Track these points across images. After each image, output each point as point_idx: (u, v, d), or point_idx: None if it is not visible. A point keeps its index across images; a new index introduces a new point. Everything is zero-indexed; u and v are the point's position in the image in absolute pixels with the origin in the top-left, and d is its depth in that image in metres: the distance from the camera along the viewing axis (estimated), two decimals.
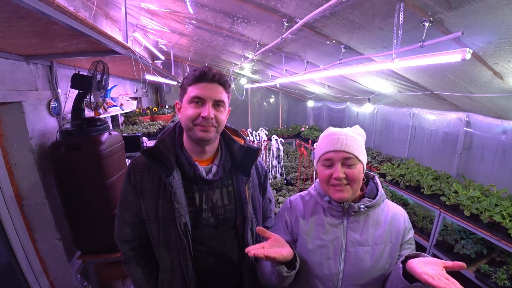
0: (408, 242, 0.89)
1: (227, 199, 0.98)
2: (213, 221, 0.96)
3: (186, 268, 0.92)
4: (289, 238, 0.97)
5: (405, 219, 0.91)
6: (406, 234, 0.89)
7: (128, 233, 0.99)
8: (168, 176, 0.88)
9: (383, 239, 0.87)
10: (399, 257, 0.86)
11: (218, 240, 0.98)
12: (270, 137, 3.40)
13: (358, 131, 0.94)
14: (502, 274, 1.93)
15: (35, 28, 1.02)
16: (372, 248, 0.86)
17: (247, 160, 0.99)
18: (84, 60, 1.92)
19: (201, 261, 0.95)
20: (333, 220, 0.90)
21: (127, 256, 1.01)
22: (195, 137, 0.89)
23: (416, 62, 1.40)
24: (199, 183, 0.93)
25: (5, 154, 1.57)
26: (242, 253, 1.01)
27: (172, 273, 0.95)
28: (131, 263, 1.01)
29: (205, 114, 0.85)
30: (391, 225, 0.88)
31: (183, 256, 0.91)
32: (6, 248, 1.55)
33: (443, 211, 2.41)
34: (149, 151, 0.90)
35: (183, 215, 0.89)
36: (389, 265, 0.86)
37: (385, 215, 0.90)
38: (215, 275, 0.99)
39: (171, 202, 0.89)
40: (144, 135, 2.95)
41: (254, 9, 1.91)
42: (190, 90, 0.88)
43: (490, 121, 2.53)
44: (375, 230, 0.88)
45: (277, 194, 2.56)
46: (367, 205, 0.87)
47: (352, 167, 0.86)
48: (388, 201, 0.96)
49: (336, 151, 0.86)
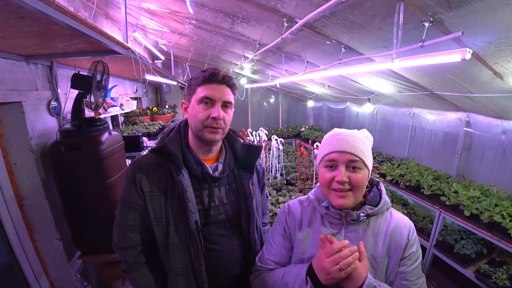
0: (408, 257, 0.78)
1: (232, 196, 1.01)
2: (221, 218, 0.98)
3: (199, 267, 0.92)
4: (289, 244, 0.93)
5: (409, 232, 0.80)
6: (407, 248, 0.79)
7: (132, 239, 0.95)
8: (178, 175, 0.88)
9: (382, 252, 0.79)
10: (398, 274, 0.79)
11: (226, 237, 1.00)
12: (270, 137, 3.40)
13: (366, 134, 0.87)
14: (502, 274, 1.93)
15: (35, 28, 1.02)
16: (369, 261, 0.77)
17: (250, 157, 1.02)
18: (84, 60, 1.92)
19: (211, 259, 0.96)
20: (331, 229, 0.84)
21: (129, 264, 0.95)
22: (204, 139, 0.91)
23: (416, 62, 1.40)
24: (208, 181, 0.95)
25: (5, 154, 1.57)
26: (248, 248, 1.04)
27: (184, 275, 0.94)
28: (136, 271, 0.96)
29: (215, 115, 0.88)
30: (391, 237, 0.80)
31: (195, 255, 0.91)
32: (6, 248, 1.55)
33: (443, 211, 2.41)
34: (159, 150, 0.90)
35: (194, 213, 0.90)
36: (387, 281, 0.79)
37: (387, 225, 0.81)
38: (225, 272, 1.00)
39: (180, 201, 0.90)
40: (144, 135, 2.95)
41: (254, 9, 1.91)
42: (199, 91, 0.90)
43: (490, 121, 2.53)
44: (374, 241, 0.80)
45: (277, 194, 2.56)
46: (367, 213, 0.80)
47: (357, 171, 0.78)
48: (394, 210, 0.87)
49: (341, 152, 0.78)
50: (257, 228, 1.05)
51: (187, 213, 0.89)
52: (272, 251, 0.94)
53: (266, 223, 1.24)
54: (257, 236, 1.05)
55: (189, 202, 0.89)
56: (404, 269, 0.78)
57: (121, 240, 0.95)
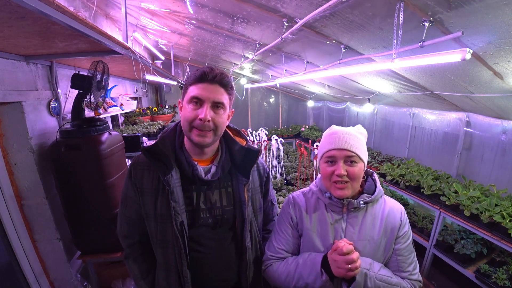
0: (402, 236, 0.92)
1: (226, 200, 0.98)
2: (211, 221, 0.96)
3: (181, 267, 0.92)
4: (297, 233, 1.01)
5: (401, 214, 0.94)
6: (401, 228, 0.92)
7: (127, 229, 1.01)
8: (165, 175, 0.88)
9: (379, 233, 0.91)
10: (393, 251, 0.91)
11: (215, 240, 0.97)
12: (270, 137, 3.40)
13: (361, 130, 0.97)
14: (502, 274, 1.93)
15: (35, 28, 1.02)
16: (369, 242, 0.90)
17: (247, 162, 0.99)
18: (84, 60, 1.92)
19: (197, 261, 0.95)
20: (334, 216, 0.94)
21: (127, 251, 1.03)
22: (193, 141, 0.90)
23: (416, 62, 1.40)
24: (197, 183, 0.93)
25: (5, 154, 1.57)
26: (240, 255, 1.01)
27: (167, 271, 0.96)
28: (130, 259, 1.03)
29: (202, 116, 0.85)
30: (387, 220, 0.92)
31: (178, 254, 0.92)
32: (6, 248, 1.55)
33: (443, 211, 2.41)
34: (148, 149, 0.91)
35: (179, 213, 0.89)
36: (384, 258, 0.92)
37: (382, 210, 0.94)
38: (212, 276, 0.99)
39: (168, 201, 0.89)
40: (144, 135, 2.95)
41: (254, 9, 1.91)
42: (190, 90, 0.88)
43: (490, 121, 2.53)
44: (372, 225, 0.92)
45: (277, 194, 2.56)
46: (366, 201, 0.91)
47: (354, 165, 0.89)
48: (387, 197, 1.00)
49: (339, 149, 0.90)
50: (252, 236, 1.02)
51: (171, 213, 0.89)
52: (282, 240, 1.02)
53: (270, 230, 1.17)
54: (251, 245, 1.01)
55: (175, 202, 0.88)
56: (399, 247, 0.91)
57: (122, 229, 1.03)
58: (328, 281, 0.86)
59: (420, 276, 0.92)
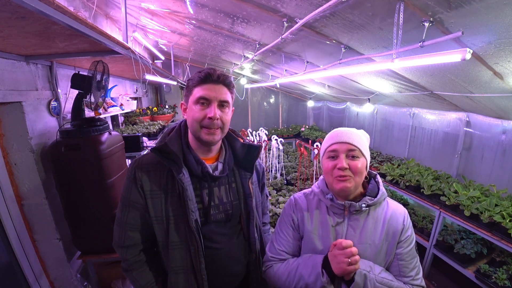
0: (404, 240, 0.89)
1: (231, 195, 1.01)
2: (221, 217, 0.98)
3: (199, 266, 0.92)
4: (298, 234, 1.00)
5: (404, 218, 0.91)
6: (403, 233, 0.90)
7: (132, 237, 0.95)
8: (179, 174, 0.89)
9: (380, 238, 0.89)
10: (395, 255, 0.89)
11: (225, 235, 1.00)
12: (270, 137, 3.40)
13: (363, 133, 0.98)
14: (502, 274, 1.93)
15: (35, 28, 1.02)
16: (369, 246, 0.88)
17: (250, 157, 1.03)
18: (84, 60, 1.92)
19: (211, 258, 0.96)
20: (336, 218, 0.93)
21: (129, 262, 0.96)
22: (202, 140, 0.92)
23: (416, 62, 1.40)
24: (208, 180, 0.96)
25: (5, 154, 1.57)
26: (248, 248, 1.05)
27: (184, 273, 0.94)
28: (136, 269, 0.96)
29: (211, 115, 0.88)
30: (389, 224, 0.90)
31: (195, 253, 0.92)
32: (6, 248, 1.55)
33: (443, 211, 2.41)
34: (159, 149, 0.91)
35: (194, 211, 0.91)
36: (386, 262, 0.90)
37: (384, 214, 0.92)
38: (224, 271, 1.00)
39: (180, 200, 0.90)
40: (144, 135, 2.95)
41: (254, 9, 1.91)
42: (195, 91, 0.91)
43: (490, 121, 2.53)
44: (374, 228, 0.90)
45: (277, 194, 2.56)
46: (368, 203, 0.89)
47: (356, 159, 0.88)
48: (390, 200, 0.97)
49: (340, 143, 0.90)
50: (257, 227, 1.06)
51: (187, 212, 0.89)
52: (283, 242, 1.01)
53: (266, 222, 1.25)
54: (257, 236, 1.05)
55: (189, 201, 0.89)
56: (401, 251, 0.89)
57: (122, 239, 0.96)
58: (328, 282, 0.85)
59: (423, 282, 0.89)
